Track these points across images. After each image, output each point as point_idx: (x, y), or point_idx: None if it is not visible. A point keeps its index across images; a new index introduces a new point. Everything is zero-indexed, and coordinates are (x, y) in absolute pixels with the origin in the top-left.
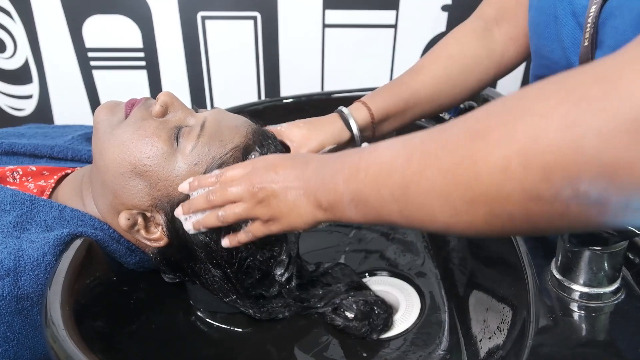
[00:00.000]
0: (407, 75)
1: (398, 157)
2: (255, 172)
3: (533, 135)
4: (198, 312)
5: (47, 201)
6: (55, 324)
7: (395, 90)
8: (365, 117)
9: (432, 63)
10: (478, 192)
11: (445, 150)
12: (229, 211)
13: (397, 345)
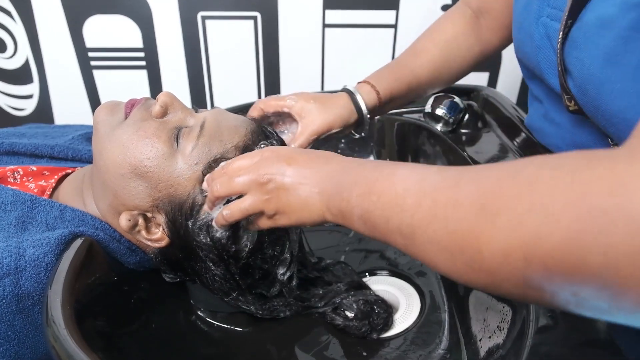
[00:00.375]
0: (408, 57)
1: (410, 195)
2: (265, 161)
3: (539, 233)
4: (198, 311)
5: (47, 201)
6: (56, 323)
7: (399, 74)
8: (374, 100)
9: (431, 47)
10: (479, 263)
11: (453, 213)
12: (234, 208)
13: (397, 344)
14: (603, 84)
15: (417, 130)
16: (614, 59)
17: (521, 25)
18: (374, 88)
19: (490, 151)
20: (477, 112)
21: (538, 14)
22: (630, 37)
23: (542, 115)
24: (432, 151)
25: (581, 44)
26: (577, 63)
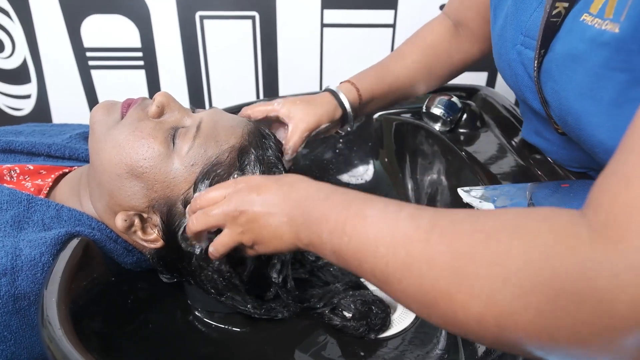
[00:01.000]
0: (390, 60)
1: (383, 244)
2: (236, 193)
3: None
4: (196, 311)
5: (44, 200)
6: (51, 324)
7: (381, 74)
8: (355, 97)
9: (412, 51)
10: (453, 322)
11: (428, 271)
12: (217, 244)
13: (395, 344)
14: (580, 116)
15: (415, 130)
16: (589, 93)
17: (499, 52)
18: (354, 86)
19: (488, 151)
20: (475, 112)
21: (512, 42)
22: (602, 75)
23: (534, 131)
24: (431, 151)
25: (555, 76)
26: (554, 94)
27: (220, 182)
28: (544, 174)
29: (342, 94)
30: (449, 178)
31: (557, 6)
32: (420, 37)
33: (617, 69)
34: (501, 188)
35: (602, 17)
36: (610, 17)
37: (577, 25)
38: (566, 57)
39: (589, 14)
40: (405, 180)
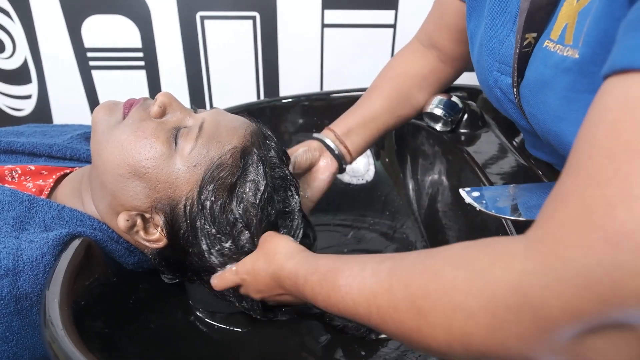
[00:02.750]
0: (362, 97)
1: (359, 305)
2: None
3: (466, 331)
4: (197, 312)
5: (45, 201)
6: (54, 324)
7: (353, 110)
8: (333, 137)
9: (381, 82)
10: (433, 351)
11: (398, 317)
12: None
13: (396, 344)
14: (560, 136)
15: (416, 131)
16: (562, 115)
17: (480, 78)
18: (330, 129)
19: (489, 151)
20: (476, 112)
21: (489, 69)
22: (571, 98)
23: (532, 145)
24: (431, 151)
25: (530, 101)
26: (532, 118)
27: (224, 185)
28: (544, 174)
29: (323, 138)
30: (450, 178)
31: (527, 37)
32: (390, 68)
33: (585, 91)
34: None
35: (563, 44)
36: (570, 44)
37: (542, 52)
38: (536, 83)
39: (551, 40)
40: (406, 180)
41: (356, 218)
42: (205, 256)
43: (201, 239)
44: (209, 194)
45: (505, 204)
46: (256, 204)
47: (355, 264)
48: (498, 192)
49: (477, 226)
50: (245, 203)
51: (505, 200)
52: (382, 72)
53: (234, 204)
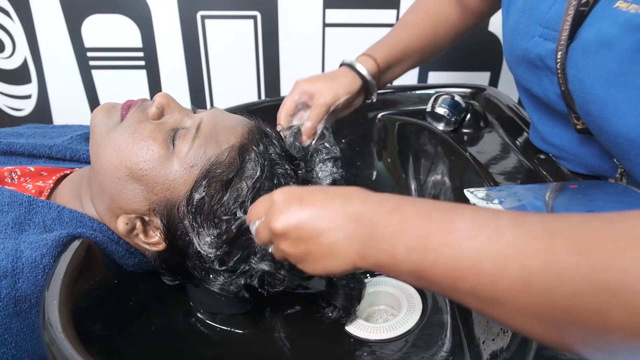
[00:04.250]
0: (399, 30)
1: (486, 259)
2: (275, 208)
3: None
4: (198, 313)
5: (45, 202)
6: (53, 327)
7: (393, 43)
8: (372, 66)
9: (420, 20)
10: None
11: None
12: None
13: (398, 346)
14: (606, 104)
15: (419, 130)
16: (617, 80)
17: (512, 48)
18: (371, 56)
19: (492, 151)
20: (478, 112)
21: (529, 34)
22: (635, 59)
23: (540, 138)
24: (434, 151)
25: (580, 64)
26: (577, 83)
27: (219, 182)
28: (549, 174)
29: (359, 64)
30: (453, 179)
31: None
32: (428, 8)
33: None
34: (507, 189)
35: (638, 2)
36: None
37: (610, 11)
38: (594, 43)
39: (624, 0)
40: (408, 180)
41: None
42: (203, 256)
43: (198, 238)
44: (202, 190)
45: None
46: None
47: (480, 210)
48: (503, 192)
49: None
50: (241, 199)
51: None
52: (417, 8)
53: (227, 199)
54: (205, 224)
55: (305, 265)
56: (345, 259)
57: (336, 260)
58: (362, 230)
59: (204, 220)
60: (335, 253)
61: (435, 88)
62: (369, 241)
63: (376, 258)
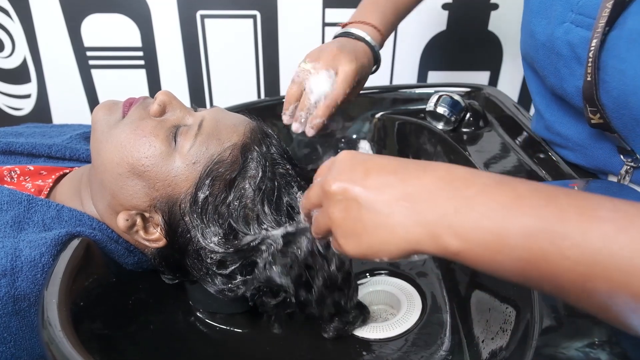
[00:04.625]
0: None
1: None
2: (335, 166)
3: None
4: (197, 312)
5: (44, 201)
6: (52, 325)
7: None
8: (378, 37)
9: None
10: None
11: None
12: (315, 228)
13: (398, 345)
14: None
15: (418, 130)
16: None
17: (532, 31)
18: (372, 25)
19: (491, 150)
20: (478, 111)
21: (560, 20)
22: None
23: (545, 127)
24: (434, 150)
25: (622, 54)
26: (617, 74)
27: (222, 181)
28: (548, 172)
29: (368, 35)
30: None
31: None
32: None
33: None
34: None
35: None
36: None
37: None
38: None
39: None
40: None
41: None
42: (202, 255)
43: (198, 236)
44: (206, 189)
45: None
46: (256, 201)
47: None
48: None
49: None
50: (244, 199)
51: None
52: None
53: (232, 200)
54: (211, 223)
55: (349, 239)
56: (405, 235)
57: (392, 235)
58: (444, 202)
59: (210, 220)
60: (394, 225)
61: (435, 87)
62: (456, 214)
63: (463, 238)
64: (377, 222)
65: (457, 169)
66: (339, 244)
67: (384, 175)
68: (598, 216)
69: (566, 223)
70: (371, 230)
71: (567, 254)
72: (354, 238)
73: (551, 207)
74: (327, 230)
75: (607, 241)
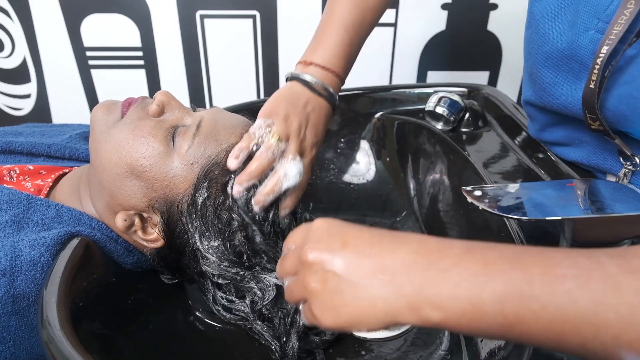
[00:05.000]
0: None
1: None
2: (311, 234)
3: None
4: (197, 312)
5: (44, 200)
6: (51, 325)
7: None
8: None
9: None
10: None
11: None
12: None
13: (397, 345)
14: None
15: (417, 130)
16: None
17: (547, 34)
18: (328, 69)
19: (491, 150)
20: (477, 111)
21: (584, 27)
22: None
23: (539, 129)
24: (433, 150)
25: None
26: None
27: (219, 183)
28: (546, 172)
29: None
30: (452, 178)
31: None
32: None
33: None
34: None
35: None
36: None
37: None
38: None
39: None
40: (407, 180)
41: (357, 218)
42: (198, 257)
43: (195, 238)
44: (203, 191)
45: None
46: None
47: (568, 253)
48: (500, 191)
49: (479, 226)
50: (240, 201)
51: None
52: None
53: (228, 201)
54: (210, 228)
55: (327, 311)
56: (384, 307)
57: (372, 308)
58: (420, 274)
59: (208, 223)
60: (374, 298)
61: (434, 87)
62: (433, 286)
63: (443, 311)
64: (357, 294)
65: (429, 241)
66: (313, 314)
67: (360, 247)
68: (560, 274)
69: (533, 285)
70: (350, 302)
71: (539, 316)
72: (332, 310)
73: (517, 270)
74: (302, 299)
75: (572, 298)
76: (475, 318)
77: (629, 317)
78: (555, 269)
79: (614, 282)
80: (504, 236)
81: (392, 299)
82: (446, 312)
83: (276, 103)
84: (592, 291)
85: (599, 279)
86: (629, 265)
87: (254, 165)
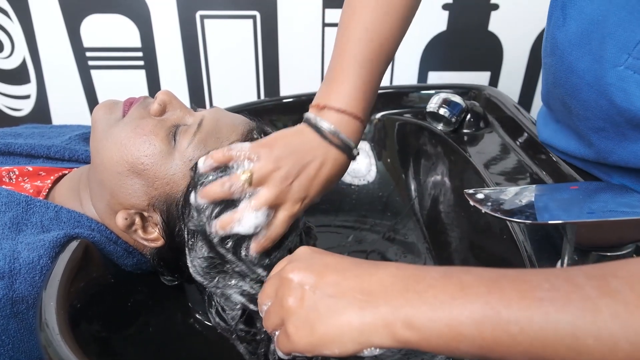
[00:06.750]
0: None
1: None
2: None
3: None
4: (197, 314)
5: (43, 202)
6: (50, 328)
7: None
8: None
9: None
10: None
11: None
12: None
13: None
14: None
15: (419, 131)
16: None
17: (573, 65)
18: (350, 114)
19: (492, 151)
20: (478, 112)
21: (613, 62)
22: None
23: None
24: (434, 151)
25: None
26: None
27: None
28: (549, 174)
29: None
30: (453, 179)
31: None
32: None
33: None
34: (508, 190)
35: None
36: None
37: None
38: None
39: None
40: (408, 181)
41: (357, 219)
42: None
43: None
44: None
45: (510, 206)
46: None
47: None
48: (503, 193)
49: (480, 228)
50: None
51: (510, 202)
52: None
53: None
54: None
55: (301, 329)
56: (360, 325)
57: (348, 326)
58: (397, 295)
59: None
60: (350, 316)
61: (435, 88)
62: (410, 308)
63: (420, 332)
64: (333, 311)
65: (407, 267)
66: (287, 334)
67: (340, 270)
68: (538, 297)
69: (510, 308)
70: (326, 319)
71: (519, 340)
72: (307, 328)
73: (495, 293)
74: (279, 322)
75: (550, 322)
76: (453, 339)
77: (611, 344)
78: (533, 292)
79: (592, 306)
80: (506, 239)
81: (368, 317)
82: (423, 333)
83: (278, 140)
84: (571, 314)
85: (578, 302)
86: (608, 287)
87: (211, 189)
